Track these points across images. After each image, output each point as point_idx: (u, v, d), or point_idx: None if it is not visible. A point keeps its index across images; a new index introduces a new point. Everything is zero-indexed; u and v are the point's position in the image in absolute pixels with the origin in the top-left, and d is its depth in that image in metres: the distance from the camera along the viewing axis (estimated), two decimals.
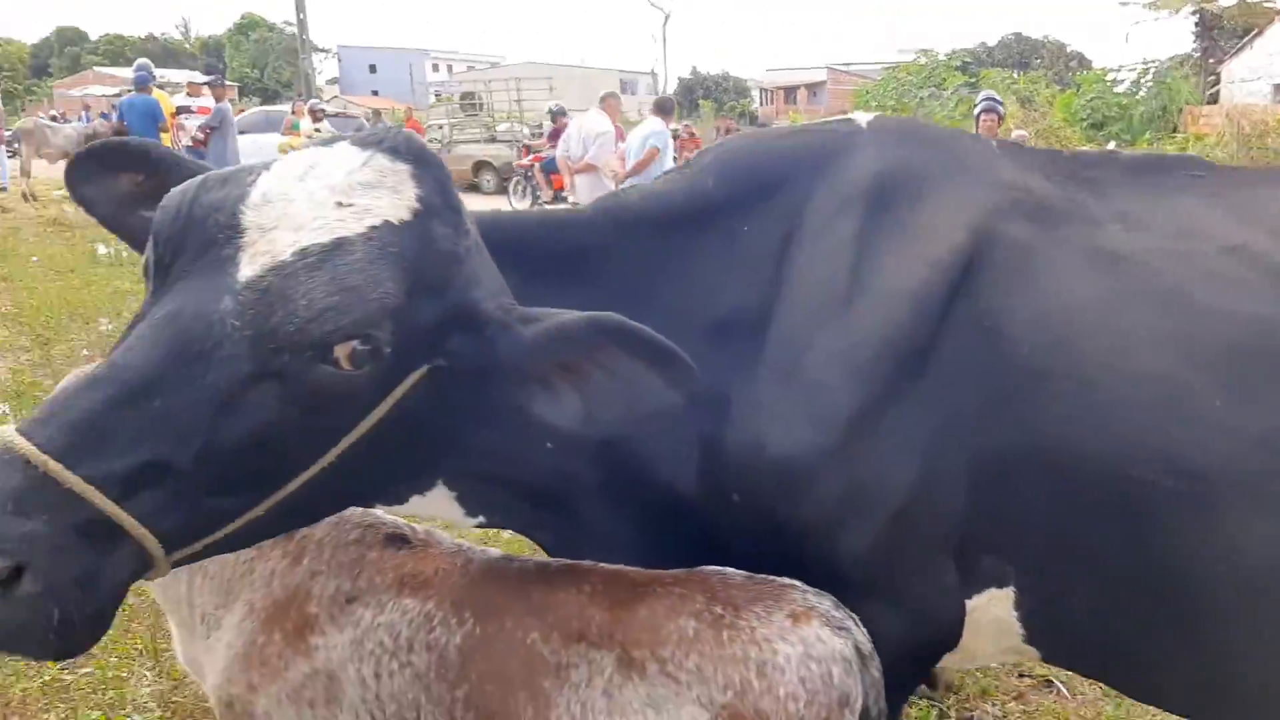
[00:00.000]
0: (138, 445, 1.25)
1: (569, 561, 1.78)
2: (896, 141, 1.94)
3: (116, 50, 72.13)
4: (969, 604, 1.83)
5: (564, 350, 1.47)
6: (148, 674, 3.22)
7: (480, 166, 24.71)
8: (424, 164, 1.48)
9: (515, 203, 19.70)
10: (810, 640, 1.56)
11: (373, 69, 78.03)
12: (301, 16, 28.17)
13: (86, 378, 1.29)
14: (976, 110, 10.87)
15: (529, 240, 1.75)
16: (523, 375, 1.50)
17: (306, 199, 1.37)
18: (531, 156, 20.56)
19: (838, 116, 2.11)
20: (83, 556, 1.21)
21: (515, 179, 21.04)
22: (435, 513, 1.85)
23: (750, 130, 2.10)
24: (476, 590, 1.73)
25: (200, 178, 1.45)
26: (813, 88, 60.86)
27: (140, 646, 3.28)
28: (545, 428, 1.54)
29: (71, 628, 1.21)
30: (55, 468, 1.19)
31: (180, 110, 15.19)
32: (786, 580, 1.67)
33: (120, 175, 1.71)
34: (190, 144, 14.62)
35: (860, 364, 1.74)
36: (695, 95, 61.03)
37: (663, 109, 11.90)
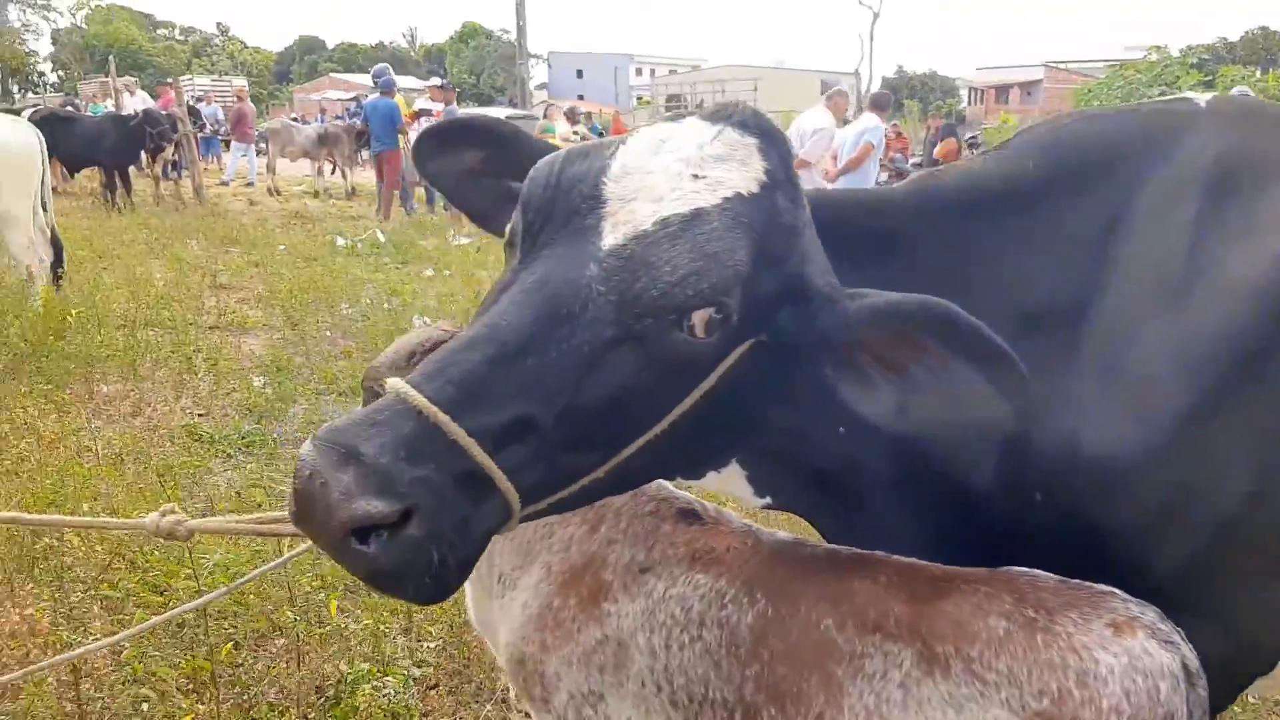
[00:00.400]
0: (511, 402, 1.32)
1: (859, 550, 1.73)
2: (1239, 123, 1.78)
3: (350, 58, 77.83)
4: None
5: (888, 330, 1.44)
6: (400, 635, 3.42)
7: None
8: (769, 138, 1.50)
9: None
10: (1135, 652, 1.46)
11: (579, 74, 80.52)
12: (521, 24, 29.38)
13: (461, 338, 1.37)
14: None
15: (843, 219, 1.71)
16: (840, 356, 1.48)
17: (663, 171, 1.42)
18: None
19: (1173, 96, 1.95)
20: (460, 505, 1.29)
21: None
22: (726, 489, 1.85)
23: (1077, 111, 1.99)
24: (768, 571, 1.72)
25: (563, 151, 1.52)
26: (1027, 86, 57.89)
27: (394, 606, 3.47)
28: (849, 413, 1.51)
29: (446, 573, 1.29)
30: (444, 419, 1.26)
31: (421, 113, 16.17)
32: (1103, 587, 1.56)
33: (462, 151, 1.82)
34: None
35: (1195, 361, 1.61)
36: (900, 95, 59.41)
37: (878, 104, 11.58)
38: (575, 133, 17.38)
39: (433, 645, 3.36)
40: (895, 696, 1.55)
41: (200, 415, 5.94)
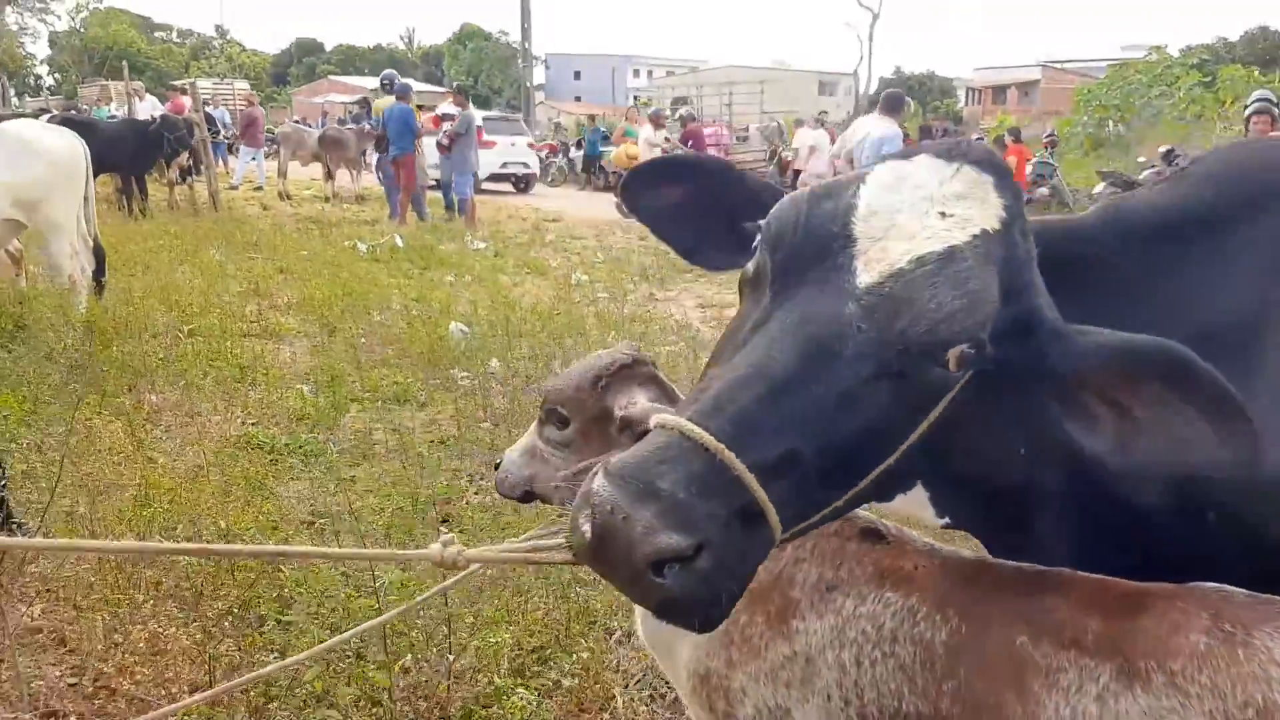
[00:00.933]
0: (780, 438, 1.38)
1: (1046, 568, 1.78)
2: None
3: (348, 60, 77.69)
4: None
5: (1120, 369, 1.49)
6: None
7: None
8: (1001, 174, 1.56)
9: None
10: None
11: (577, 75, 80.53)
12: (526, 25, 29.43)
13: (732, 375, 1.42)
14: (1248, 112, 10.09)
15: (1044, 245, 1.77)
16: (1065, 392, 1.53)
17: (910, 210, 1.49)
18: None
19: None
20: (738, 539, 1.35)
21: None
22: (906, 510, 1.90)
23: (1252, 139, 2.05)
24: (959, 589, 1.77)
25: (808, 190, 1.60)
26: (1024, 86, 58.00)
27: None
28: (1062, 446, 1.56)
29: (725, 604, 1.35)
30: (730, 458, 1.33)
31: (445, 117, 16.28)
32: None
33: (671, 186, 1.88)
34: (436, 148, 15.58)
35: None
36: None
37: (892, 107, 10.65)
38: (667, 139, 17.46)
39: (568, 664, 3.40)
40: (1092, 710, 1.60)
41: (253, 424, 5.98)
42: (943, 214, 1.48)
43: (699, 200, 1.86)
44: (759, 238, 1.60)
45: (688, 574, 1.28)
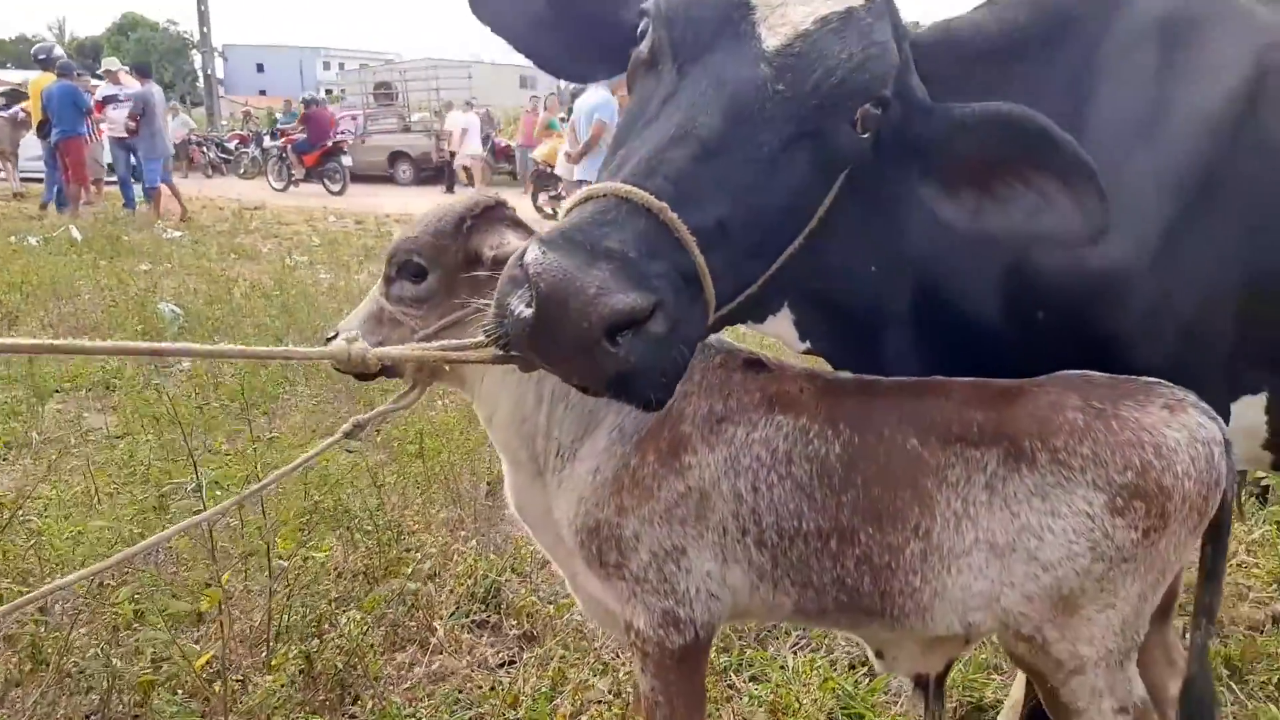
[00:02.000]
0: (713, 203, 1.33)
1: (922, 378, 1.82)
2: None
3: None
4: (1231, 409, 1.95)
5: (982, 135, 1.54)
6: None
7: (396, 157, 24.41)
8: None
9: (273, 182, 21.98)
10: (1191, 426, 1.65)
11: (260, 68, 75.67)
12: (204, 9, 27.13)
13: (659, 140, 1.34)
14: None
15: None
16: (928, 162, 1.58)
17: None
18: (284, 139, 22.60)
19: None
20: (685, 304, 1.27)
21: (272, 159, 23.05)
22: (776, 333, 1.91)
23: None
24: (845, 404, 1.76)
25: None
26: None
27: None
28: (911, 262, 1.68)
29: (673, 378, 1.26)
30: (673, 218, 1.26)
31: (107, 100, 14.48)
32: (1147, 378, 1.74)
33: None
34: (120, 135, 13.98)
35: (1169, 185, 1.83)
36: None
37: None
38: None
39: None
40: (981, 498, 1.65)
41: None
42: None
43: (561, 6, 1.75)
44: (645, 22, 1.54)
45: (643, 339, 1.21)
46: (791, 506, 1.72)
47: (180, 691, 2.56)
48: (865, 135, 1.47)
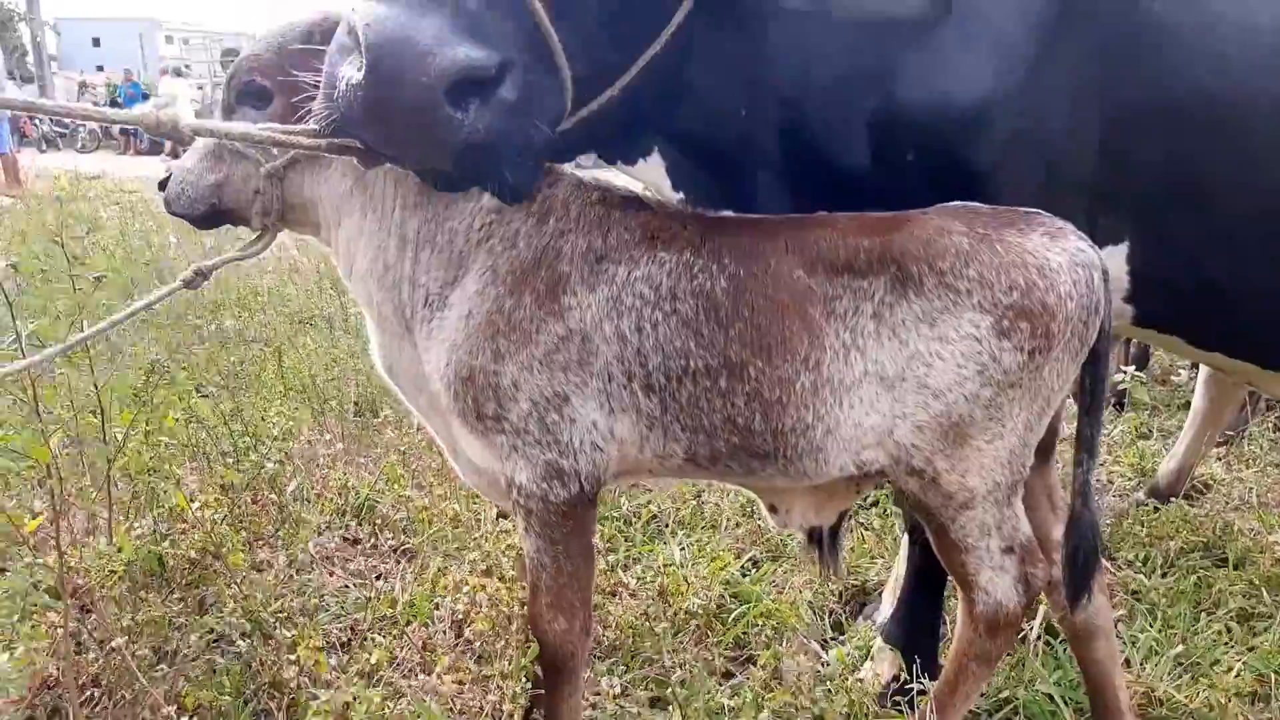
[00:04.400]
0: None
1: (804, 215, 1.77)
2: None
3: None
4: None
5: None
6: None
7: None
8: None
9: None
10: (1072, 251, 1.66)
11: (96, 42, 71.09)
12: None
13: None
14: None
15: None
16: None
17: None
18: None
19: None
20: (536, 77, 1.14)
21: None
22: (649, 180, 1.84)
23: None
24: (729, 238, 1.69)
25: None
26: None
27: None
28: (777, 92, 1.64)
29: (531, 157, 1.14)
30: None
31: None
32: (1027, 209, 1.74)
33: None
34: None
35: (1032, 17, 1.83)
36: None
37: None
38: None
39: None
40: (869, 328, 1.62)
41: None
42: None
43: None
44: None
45: (492, 106, 1.08)
46: (678, 345, 1.64)
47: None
48: None
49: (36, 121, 24.39)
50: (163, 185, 1.69)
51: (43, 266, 6.77)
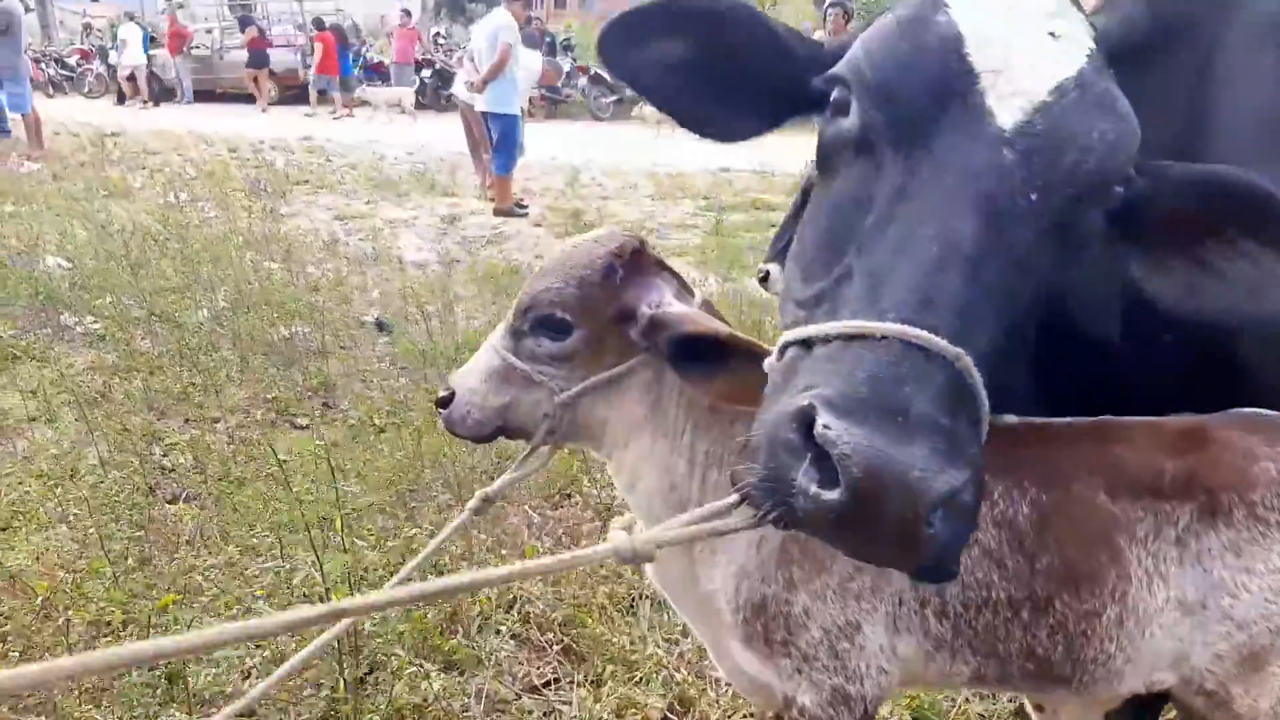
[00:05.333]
0: (992, 325, 1.18)
1: (1093, 419, 1.71)
2: None
3: None
4: None
5: (1200, 203, 1.39)
6: None
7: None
8: None
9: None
10: None
11: None
12: None
13: (921, 258, 1.16)
14: (825, 5, 11.09)
15: None
16: (1136, 229, 1.41)
17: (1021, 34, 1.29)
18: None
19: None
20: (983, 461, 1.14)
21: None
22: None
23: None
24: (1026, 457, 1.64)
25: (887, 26, 1.34)
26: None
27: None
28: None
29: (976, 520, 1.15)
30: (968, 364, 1.11)
31: None
32: None
33: (662, 42, 1.48)
34: None
35: None
36: None
37: None
38: None
39: None
40: (1171, 553, 1.58)
41: None
42: (1051, 34, 1.30)
43: (709, 55, 1.48)
44: (841, 92, 1.34)
45: (957, 513, 1.05)
46: (979, 576, 1.60)
47: None
48: (1109, 218, 1.31)
49: (43, 66, 23.90)
50: (442, 404, 1.63)
51: (98, 265, 6.72)
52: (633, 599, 3.06)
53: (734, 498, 1.13)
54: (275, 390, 4.84)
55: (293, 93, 22.69)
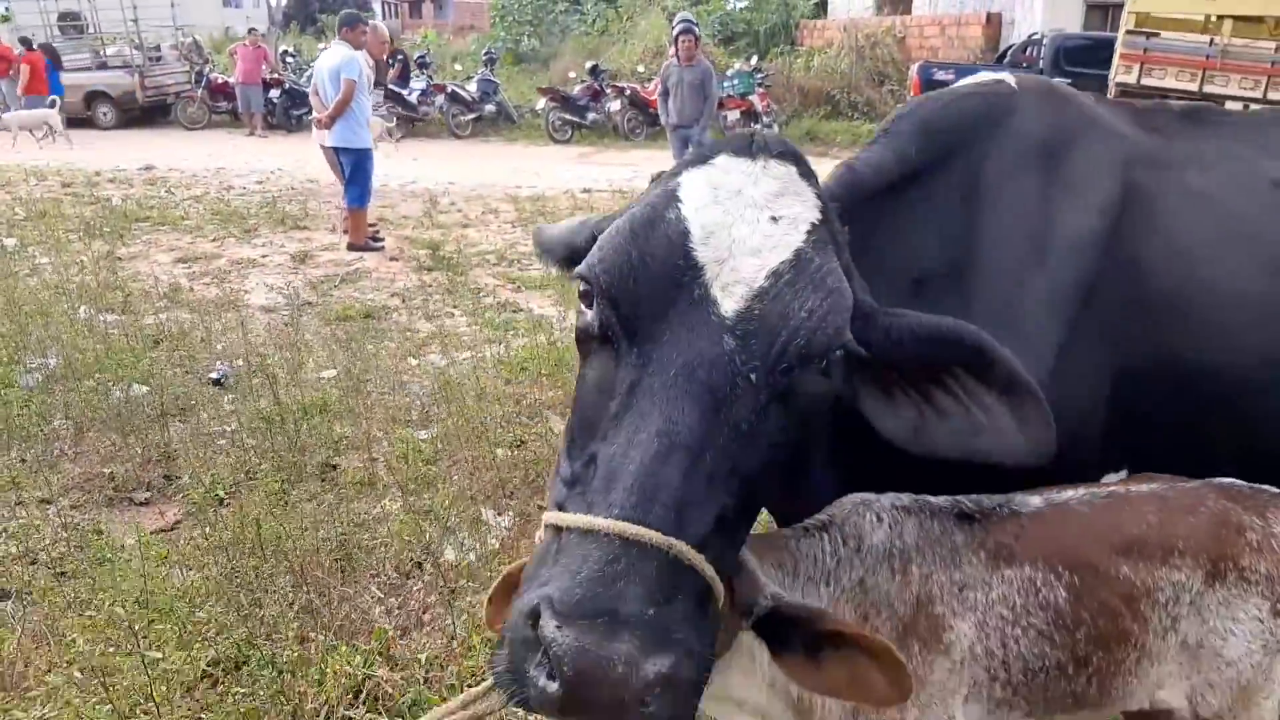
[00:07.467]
0: (708, 504, 1.29)
1: (1103, 491, 1.94)
2: (1046, 101, 2.15)
3: None
4: None
5: (923, 351, 1.54)
6: None
7: (94, 97, 21.73)
8: (800, 160, 1.51)
9: None
10: None
11: None
12: None
13: (643, 452, 1.27)
14: (675, 32, 11.28)
15: None
16: (869, 373, 1.55)
17: (742, 221, 1.40)
18: None
19: (991, 78, 2.23)
20: (703, 633, 1.26)
21: None
22: None
23: (933, 94, 2.24)
24: (1056, 543, 1.85)
25: (620, 228, 1.44)
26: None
27: None
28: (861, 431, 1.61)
29: (698, 698, 1.26)
30: (684, 550, 1.22)
31: None
32: (1271, 489, 1.99)
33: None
34: None
35: (1059, 305, 1.96)
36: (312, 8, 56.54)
37: (348, 25, 10.17)
38: None
39: None
40: (1184, 612, 1.88)
41: None
42: (773, 218, 1.42)
43: None
44: (581, 288, 1.45)
45: (672, 690, 1.17)
46: (1035, 651, 1.83)
47: None
48: (833, 375, 1.42)
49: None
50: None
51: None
52: None
53: (489, 682, 1.24)
54: (111, 465, 4.67)
55: (133, 115, 21.76)
